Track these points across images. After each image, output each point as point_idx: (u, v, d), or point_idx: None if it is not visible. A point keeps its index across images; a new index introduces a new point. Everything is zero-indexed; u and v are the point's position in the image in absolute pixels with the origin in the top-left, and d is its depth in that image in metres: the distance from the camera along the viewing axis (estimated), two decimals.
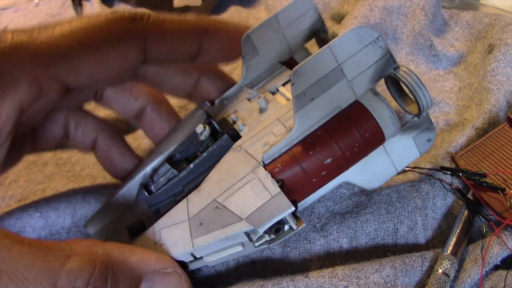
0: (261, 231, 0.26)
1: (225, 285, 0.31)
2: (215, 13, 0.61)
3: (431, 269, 0.30)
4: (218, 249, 0.28)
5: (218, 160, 0.30)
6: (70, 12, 0.68)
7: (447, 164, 0.36)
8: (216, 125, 0.32)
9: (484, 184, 0.33)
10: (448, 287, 0.29)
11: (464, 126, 0.39)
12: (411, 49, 0.49)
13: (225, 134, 0.31)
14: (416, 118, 0.31)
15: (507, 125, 0.37)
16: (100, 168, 0.42)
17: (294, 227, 0.27)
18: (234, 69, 0.52)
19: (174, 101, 0.47)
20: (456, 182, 0.35)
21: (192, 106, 0.48)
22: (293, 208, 0.26)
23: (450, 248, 0.31)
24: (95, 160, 0.43)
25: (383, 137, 0.29)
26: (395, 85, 0.32)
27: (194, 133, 0.32)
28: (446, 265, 0.29)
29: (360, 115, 0.29)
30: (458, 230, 0.32)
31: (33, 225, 0.36)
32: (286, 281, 0.29)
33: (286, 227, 0.28)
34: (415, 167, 0.36)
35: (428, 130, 0.31)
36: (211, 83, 0.36)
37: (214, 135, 0.32)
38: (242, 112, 0.34)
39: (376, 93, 0.29)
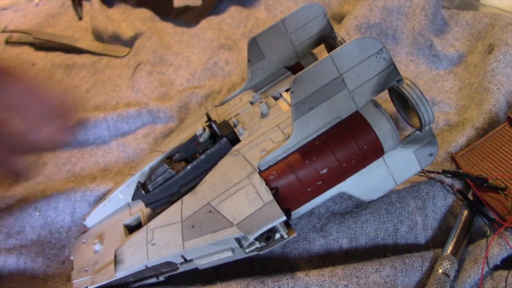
0: (251, 238, 0.26)
1: (222, 281, 0.30)
2: (215, 13, 0.61)
3: (431, 269, 0.30)
4: (209, 252, 0.28)
5: (215, 163, 0.30)
6: (70, 12, 0.68)
7: (448, 164, 0.36)
8: (215, 128, 0.32)
9: (485, 185, 0.33)
10: (448, 287, 0.29)
11: (464, 126, 0.39)
12: (411, 49, 0.49)
13: (224, 137, 0.31)
14: (418, 132, 0.30)
15: (508, 125, 0.37)
16: (100, 168, 0.43)
17: (285, 236, 0.27)
18: (234, 69, 0.52)
19: (174, 101, 0.48)
20: (456, 183, 0.35)
21: (192, 106, 0.48)
22: (284, 218, 0.26)
23: (450, 248, 0.31)
24: (95, 160, 0.43)
25: (382, 150, 0.29)
26: (399, 97, 0.31)
27: (194, 135, 0.32)
28: (446, 265, 0.29)
29: (360, 127, 0.28)
30: (458, 230, 0.32)
31: (33, 224, 0.36)
32: (287, 279, 0.29)
33: (277, 236, 0.27)
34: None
35: (431, 144, 0.31)
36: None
37: (214, 137, 0.32)
38: (244, 115, 0.34)
39: (377, 105, 0.29)
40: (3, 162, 0.34)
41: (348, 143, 0.28)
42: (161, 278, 0.31)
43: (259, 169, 0.28)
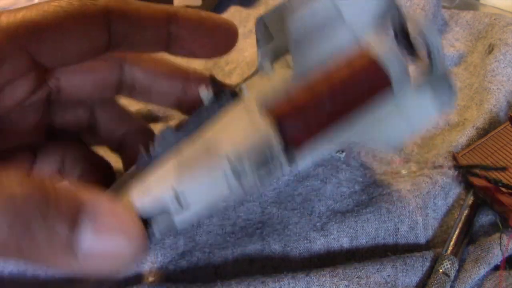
0: (247, 165, 0.26)
1: (222, 281, 0.30)
2: (215, 13, 0.61)
3: (431, 269, 0.30)
4: (205, 192, 0.27)
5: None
6: None
7: (448, 164, 0.36)
8: (217, 81, 0.32)
9: (500, 184, 0.32)
10: (448, 287, 0.29)
11: (465, 126, 0.39)
12: None
13: (227, 90, 0.30)
14: (431, 73, 0.28)
15: (509, 125, 0.37)
16: None
17: (285, 163, 0.26)
18: (234, 69, 0.52)
19: None
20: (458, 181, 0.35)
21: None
22: (282, 143, 0.26)
23: (451, 248, 0.31)
24: None
25: (388, 77, 0.27)
26: (406, 41, 0.29)
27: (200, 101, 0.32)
28: (447, 265, 0.29)
29: (359, 52, 0.27)
30: (458, 230, 0.32)
31: None
32: (287, 279, 0.29)
33: (277, 163, 0.27)
34: (427, 162, 0.35)
35: (446, 87, 0.29)
36: (200, 87, 0.36)
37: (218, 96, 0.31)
38: (249, 82, 0.33)
39: (377, 33, 0.28)
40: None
41: (349, 68, 0.27)
42: None
43: (260, 105, 0.28)
